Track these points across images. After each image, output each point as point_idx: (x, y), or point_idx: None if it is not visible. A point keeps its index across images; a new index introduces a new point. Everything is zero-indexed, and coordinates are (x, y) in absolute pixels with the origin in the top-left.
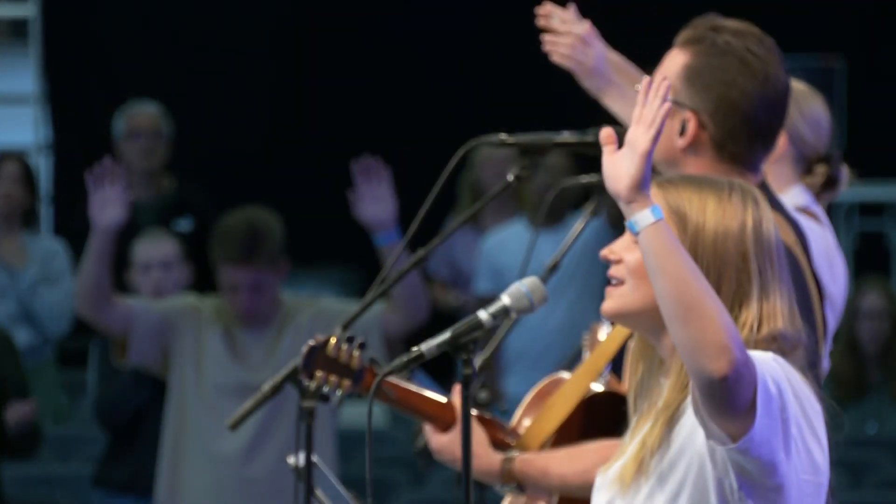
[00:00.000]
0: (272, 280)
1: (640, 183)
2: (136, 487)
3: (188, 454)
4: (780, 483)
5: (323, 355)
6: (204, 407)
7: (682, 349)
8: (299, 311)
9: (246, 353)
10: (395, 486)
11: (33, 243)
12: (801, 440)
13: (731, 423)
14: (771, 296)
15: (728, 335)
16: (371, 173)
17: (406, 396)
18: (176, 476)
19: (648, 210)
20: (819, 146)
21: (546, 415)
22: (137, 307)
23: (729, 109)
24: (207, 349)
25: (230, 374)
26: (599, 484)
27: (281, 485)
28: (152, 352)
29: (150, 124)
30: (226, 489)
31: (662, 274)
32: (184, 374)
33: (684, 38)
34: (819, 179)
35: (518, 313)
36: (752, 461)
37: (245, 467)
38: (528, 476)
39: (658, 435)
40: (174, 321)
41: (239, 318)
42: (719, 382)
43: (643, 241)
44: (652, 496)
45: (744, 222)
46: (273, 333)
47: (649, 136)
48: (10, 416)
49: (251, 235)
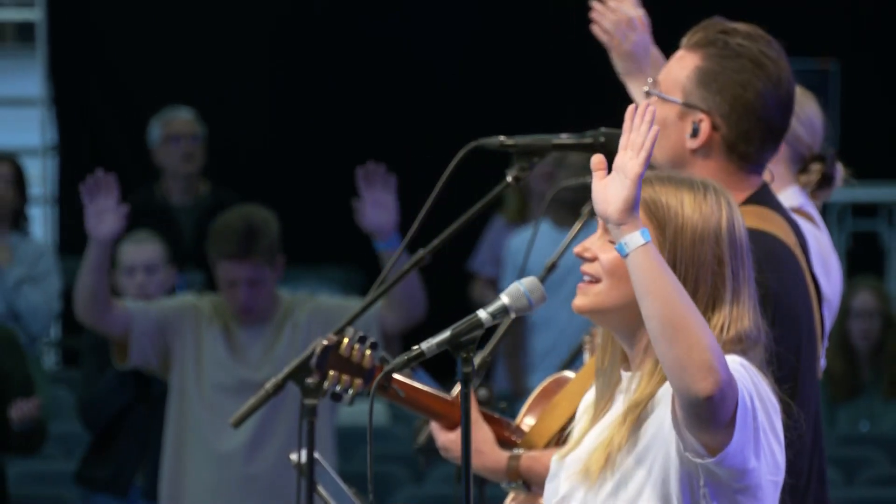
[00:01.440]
0: (269, 275)
1: (630, 206)
2: (115, 487)
3: (190, 453)
4: (747, 485)
5: (336, 354)
6: (204, 405)
7: (668, 368)
8: (297, 308)
9: (245, 351)
10: (395, 482)
11: (21, 244)
12: (766, 443)
13: (711, 438)
14: (741, 297)
15: (714, 356)
16: (376, 179)
17: (415, 394)
18: (179, 474)
19: (638, 233)
20: (814, 145)
21: (551, 413)
22: (135, 309)
23: (744, 111)
24: (207, 348)
25: (230, 372)
26: (555, 470)
27: (282, 481)
28: (153, 352)
29: (188, 129)
30: (228, 486)
31: (651, 295)
32: (184, 374)
33: (695, 40)
34: (815, 177)
35: (517, 312)
36: (725, 470)
37: (246, 464)
38: (535, 473)
39: (626, 432)
40: (173, 321)
41: (237, 314)
42: (704, 402)
43: (632, 262)
44: (617, 492)
45: (719, 223)
46: (272, 331)
47: (639, 162)
48: (14, 414)
49: (248, 231)
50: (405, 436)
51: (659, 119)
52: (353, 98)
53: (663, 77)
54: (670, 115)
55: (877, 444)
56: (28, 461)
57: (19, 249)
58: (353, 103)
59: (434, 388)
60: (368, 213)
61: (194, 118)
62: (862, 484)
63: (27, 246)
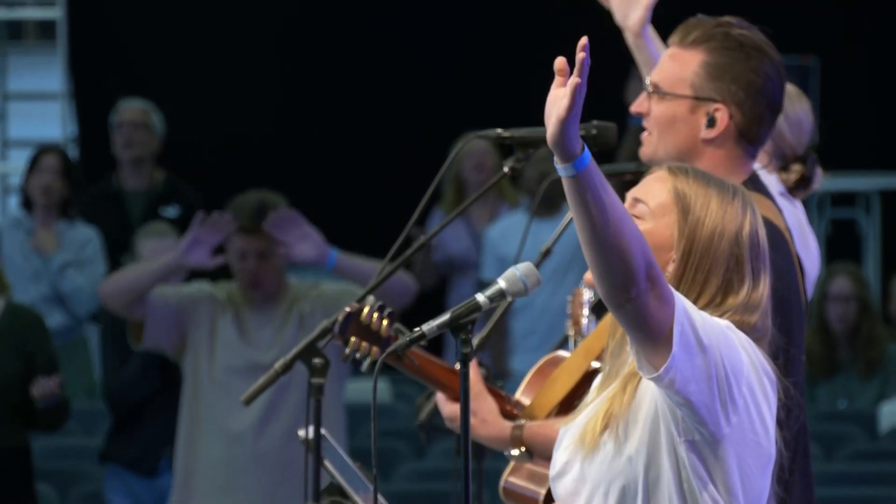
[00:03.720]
0: (277, 253)
1: (556, 143)
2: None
3: (203, 431)
4: (715, 436)
5: (357, 321)
6: (216, 387)
7: (594, 276)
8: (303, 295)
9: (254, 335)
10: (397, 456)
11: (68, 231)
12: (751, 402)
13: (651, 348)
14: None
15: (635, 258)
16: (286, 223)
17: (427, 364)
18: (192, 451)
19: (570, 164)
20: (798, 146)
21: (551, 387)
22: (155, 296)
23: (757, 95)
24: (220, 332)
25: (240, 355)
26: (560, 437)
27: (289, 457)
28: (167, 336)
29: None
30: (238, 463)
31: (577, 219)
32: (198, 357)
33: (693, 38)
34: (794, 177)
35: (513, 296)
36: (683, 402)
37: (256, 442)
38: (538, 442)
39: (627, 402)
40: (190, 308)
41: (246, 289)
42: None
43: (565, 188)
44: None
45: (741, 226)
46: (280, 316)
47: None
48: (37, 391)
49: (261, 206)
50: (407, 413)
51: (667, 116)
52: (354, 96)
53: (662, 77)
54: (680, 110)
55: (854, 421)
56: (51, 437)
57: (66, 236)
58: (354, 101)
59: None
60: (298, 252)
61: (145, 108)
62: (840, 459)
63: (74, 233)
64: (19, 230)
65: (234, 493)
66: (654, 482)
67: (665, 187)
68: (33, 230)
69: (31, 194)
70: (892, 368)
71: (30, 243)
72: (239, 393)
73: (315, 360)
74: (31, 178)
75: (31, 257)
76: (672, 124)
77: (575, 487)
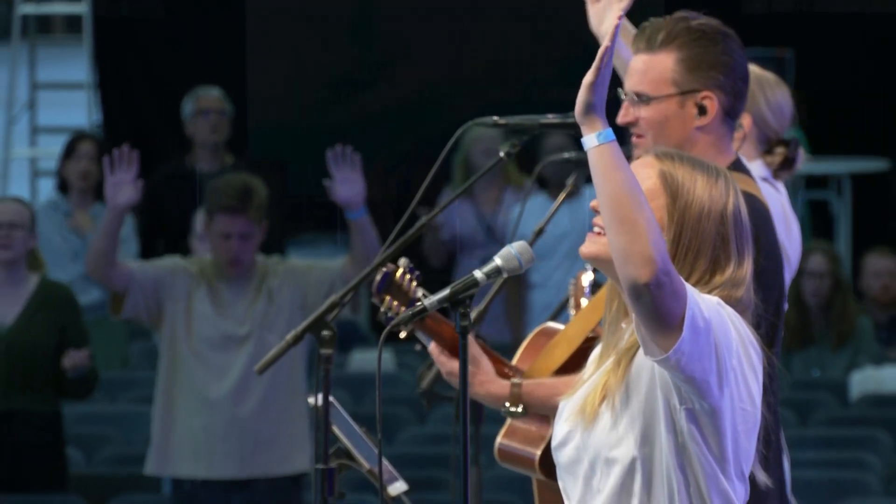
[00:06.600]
0: (257, 233)
1: (585, 109)
2: None
3: (180, 400)
4: (714, 406)
5: (392, 280)
6: (193, 357)
7: (615, 256)
8: (272, 270)
9: (229, 309)
10: (400, 422)
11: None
12: (740, 373)
13: (662, 335)
14: (741, 272)
15: (654, 249)
16: (343, 159)
17: (434, 321)
18: (169, 420)
19: (594, 134)
20: (780, 130)
21: (551, 353)
22: (135, 268)
23: (733, 73)
24: (195, 305)
25: (216, 327)
26: (561, 409)
27: (265, 422)
28: (145, 307)
29: (216, 105)
30: (217, 429)
31: (603, 191)
32: (175, 327)
33: (659, 40)
34: (778, 159)
35: (509, 273)
36: (686, 379)
37: (234, 409)
38: (535, 398)
39: (622, 376)
40: (167, 281)
41: (226, 267)
42: (643, 287)
43: (590, 159)
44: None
45: (725, 205)
46: (252, 290)
47: (592, 71)
48: (66, 363)
49: (245, 189)
50: (410, 381)
51: (660, 118)
52: None
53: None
54: (670, 108)
55: (826, 389)
56: (80, 404)
57: (101, 218)
58: None
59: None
60: (339, 189)
61: (221, 96)
62: (814, 424)
63: None
64: (56, 212)
65: (212, 459)
66: (651, 449)
67: (653, 172)
68: (70, 212)
69: (69, 178)
70: (862, 340)
71: (68, 225)
72: (214, 362)
73: (324, 332)
74: (67, 164)
75: (70, 238)
76: (666, 123)
77: (577, 455)
